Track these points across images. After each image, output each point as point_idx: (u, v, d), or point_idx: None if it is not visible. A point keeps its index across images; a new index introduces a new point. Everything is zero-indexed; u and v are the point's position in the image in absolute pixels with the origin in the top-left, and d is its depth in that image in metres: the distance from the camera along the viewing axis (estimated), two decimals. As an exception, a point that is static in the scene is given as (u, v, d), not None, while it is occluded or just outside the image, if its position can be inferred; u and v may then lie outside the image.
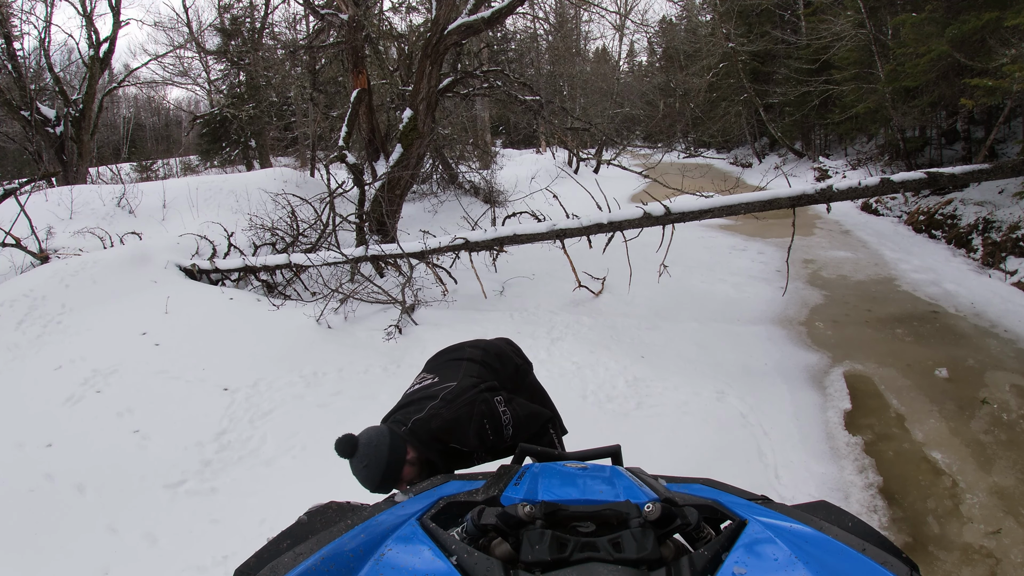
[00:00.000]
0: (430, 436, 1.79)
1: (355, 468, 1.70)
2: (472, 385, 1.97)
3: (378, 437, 1.73)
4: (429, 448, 1.79)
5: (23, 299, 4.99)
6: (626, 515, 0.83)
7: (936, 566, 2.51)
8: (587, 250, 5.91)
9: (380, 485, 1.70)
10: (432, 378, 2.06)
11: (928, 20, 7.53)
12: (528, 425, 1.95)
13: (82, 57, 15.14)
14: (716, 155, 24.95)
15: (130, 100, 29.30)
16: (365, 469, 1.69)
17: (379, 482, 1.70)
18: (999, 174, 5.59)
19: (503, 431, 1.88)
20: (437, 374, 2.08)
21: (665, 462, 2.78)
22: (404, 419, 1.82)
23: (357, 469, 1.70)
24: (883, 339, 4.91)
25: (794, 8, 17.67)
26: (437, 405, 1.87)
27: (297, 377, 4.14)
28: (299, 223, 6.99)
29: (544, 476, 1.07)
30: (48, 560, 2.59)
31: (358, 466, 1.69)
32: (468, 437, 1.84)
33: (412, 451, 1.75)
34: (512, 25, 20.68)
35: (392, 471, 1.71)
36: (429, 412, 1.85)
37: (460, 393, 1.92)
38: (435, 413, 1.85)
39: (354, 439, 1.69)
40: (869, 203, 10.28)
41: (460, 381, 1.97)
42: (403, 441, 1.75)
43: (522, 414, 1.95)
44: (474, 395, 1.91)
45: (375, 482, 1.70)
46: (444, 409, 1.86)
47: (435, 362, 2.19)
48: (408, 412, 1.85)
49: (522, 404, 2.00)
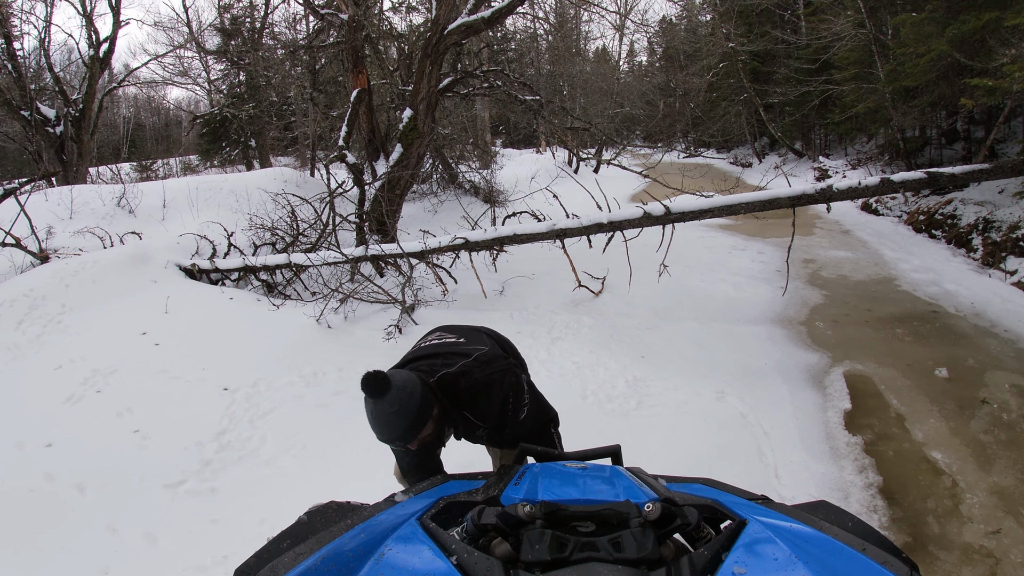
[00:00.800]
0: (455, 397, 1.65)
1: (380, 411, 1.48)
2: (503, 356, 1.87)
3: (411, 383, 1.53)
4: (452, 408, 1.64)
5: (23, 299, 4.99)
6: (626, 515, 0.83)
7: (936, 566, 2.51)
8: (587, 250, 5.91)
9: (402, 436, 1.52)
10: (457, 338, 1.91)
11: (928, 20, 7.53)
12: (538, 415, 1.87)
13: (82, 57, 15.13)
14: (716, 155, 24.94)
15: (130, 100, 29.30)
16: (393, 416, 1.48)
17: (403, 432, 1.51)
18: (999, 174, 5.59)
19: (520, 410, 1.78)
20: (462, 336, 1.93)
21: (665, 462, 2.78)
22: (430, 370, 1.65)
23: (382, 412, 1.48)
24: (883, 339, 4.91)
25: (794, 8, 17.66)
26: (470, 363, 1.72)
27: (297, 377, 4.14)
28: (299, 223, 6.99)
29: (544, 476, 1.07)
30: (48, 560, 2.59)
31: (386, 410, 1.48)
32: (492, 406, 1.71)
33: (437, 405, 1.59)
34: (512, 25, 20.71)
35: (419, 422, 1.52)
36: (461, 368, 1.69)
37: (494, 359, 1.79)
38: (467, 371, 1.69)
39: (388, 378, 1.48)
40: (869, 203, 10.28)
41: (491, 348, 1.85)
42: (433, 394, 1.58)
43: (538, 403, 1.88)
44: (507, 364, 1.81)
45: (399, 431, 1.50)
46: (477, 369, 1.72)
47: (452, 327, 2.03)
48: (433, 364, 1.69)
49: (538, 393, 1.92)
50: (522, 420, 1.78)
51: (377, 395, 1.46)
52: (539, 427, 1.88)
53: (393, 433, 1.49)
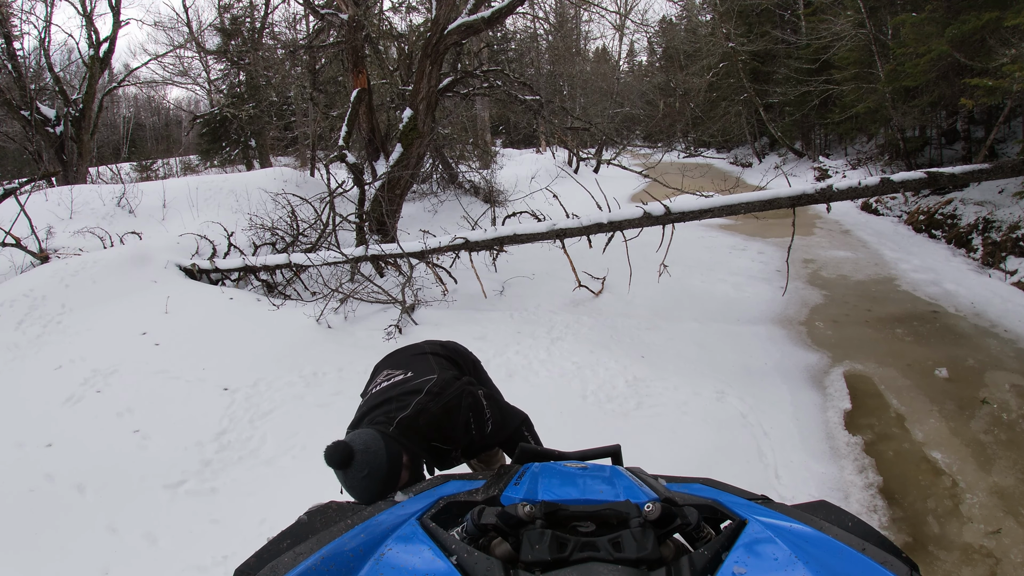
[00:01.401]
0: (419, 434, 1.64)
1: (351, 479, 1.48)
2: (455, 377, 1.86)
3: (373, 442, 1.52)
4: (419, 447, 1.64)
5: (23, 299, 4.99)
6: (626, 515, 0.83)
7: (936, 566, 2.51)
8: (587, 250, 5.91)
9: (378, 494, 1.49)
10: (404, 373, 1.89)
11: (928, 20, 7.53)
12: (505, 424, 1.86)
13: (82, 57, 15.14)
14: (716, 155, 24.95)
15: (130, 100, 29.32)
16: (366, 479, 1.48)
17: (378, 491, 1.49)
18: (999, 174, 5.59)
19: (484, 427, 1.78)
20: (408, 369, 1.91)
21: (665, 462, 2.79)
22: (386, 419, 1.64)
23: (355, 480, 1.48)
24: (883, 339, 4.91)
25: (794, 8, 17.66)
26: (423, 400, 1.71)
27: (297, 377, 4.14)
28: (299, 223, 6.99)
29: (544, 476, 1.07)
30: (48, 560, 2.59)
31: (356, 476, 1.48)
32: (455, 431, 1.71)
33: (405, 453, 1.59)
34: (512, 25, 20.71)
35: (392, 478, 1.52)
36: (416, 408, 1.69)
37: (445, 386, 1.78)
38: (422, 408, 1.69)
39: (349, 447, 1.47)
40: (869, 203, 10.28)
41: (440, 374, 1.84)
42: (396, 443, 1.57)
43: (501, 411, 1.86)
44: (460, 386, 1.80)
45: (374, 492, 1.49)
46: (432, 403, 1.72)
47: (397, 359, 2.03)
48: (388, 411, 1.68)
49: (498, 401, 1.91)
50: (489, 433, 1.79)
51: (345, 466, 1.45)
52: (509, 435, 1.88)
53: (370, 494, 1.48)
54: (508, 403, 1.95)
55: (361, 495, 1.48)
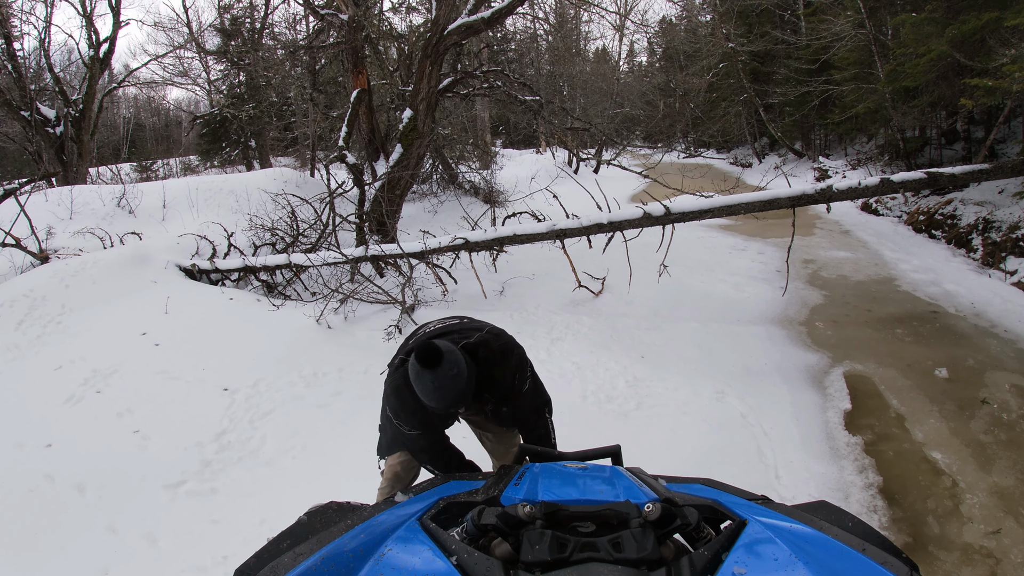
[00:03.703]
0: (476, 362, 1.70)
1: (439, 380, 1.50)
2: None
3: (454, 350, 1.58)
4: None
5: (23, 299, 4.99)
6: (626, 515, 0.83)
7: (936, 566, 2.51)
8: (587, 250, 5.91)
9: (461, 398, 1.56)
10: (461, 320, 1.99)
11: (928, 20, 7.53)
12: (536, 396, 1.94)
13: (82, 57, 15.13)
14: (716, 155, 24.95)
15: (130, 100, 29.32)
16: (453, 380, 1.51)
17: (461, 395, 1.54)
18: (999, 174, 5.59)
19: (524, 382, 1.85)
20: (464, 319, 2.00)
21: (665, 462, 2.78)
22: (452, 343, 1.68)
23: (444, 379, 1.50)
24: (883, 339, 4.91)
25: (794, 8, 17.67)
26: (484, 335, 1.80)
27: (297, 377, 4.14)
28: (299, 223, 6.99)
29: (544, 476, 1.07)
30: (48, 560, 2.59)
31: (446, 374, 1.50)
32: (505, 374, 1.78)
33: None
34: (512, 25, 20.69)
35: (471, 384, 1.58)
36: (478, 339, 1.77)
37: (503, 333, 1.89)
38: (483, 341, 1.77)
39: (437, 347, 1.50)
40: (869, 203, 10.28)
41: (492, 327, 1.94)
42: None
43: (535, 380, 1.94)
44: (514, 339, 1.91)
45: (459, 393, 1.53)
46: (492, 340, 1.80)
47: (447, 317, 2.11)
48: (452, 338, 1.73)
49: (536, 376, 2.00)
50: (524, 394, 1.85)
51: (435, 364, 1.49)
52: (536, 409, 1.95)
53: (455, 397, 1.53)
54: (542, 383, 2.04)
55: (444, 396, 1.53)
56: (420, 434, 1.81)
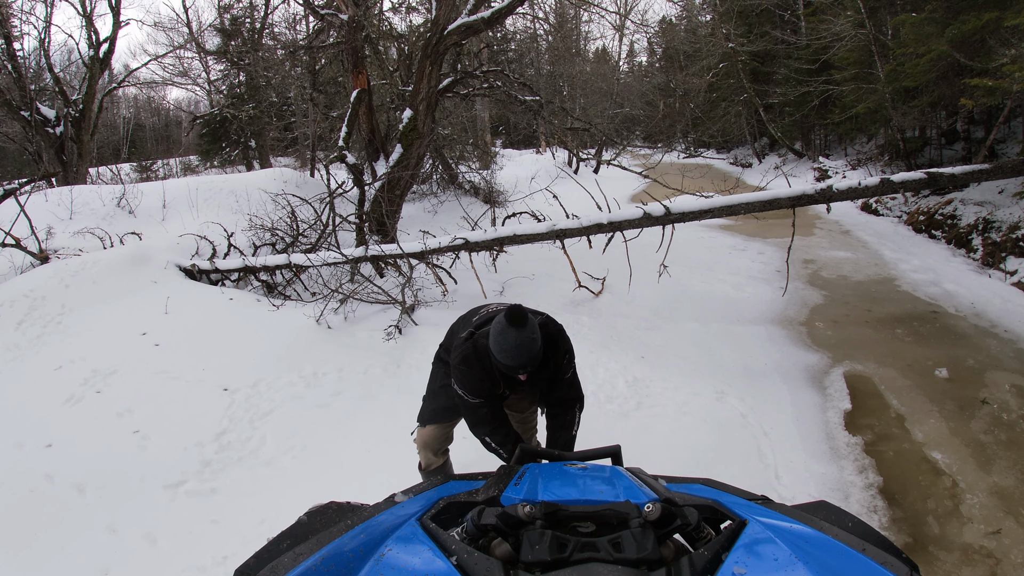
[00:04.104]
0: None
1: (524, 339, 1.71)
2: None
3: (532, 318, 1.80)
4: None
5: (23, 299, 4.98)
6: (626, 515, 0.83)
7: (936, 566, 2.51)
8: (587, 250, 5.91)
9: (538, 358, 1.77)
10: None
11: (928, 20, 7.53)
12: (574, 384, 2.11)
13: (82, 57, 15.13)
14: (716, 155, 24.94)
15: (130, 100, 29.32)
16: (534, 341, 1.74)
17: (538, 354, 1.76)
18: (999, 174, 5.59)
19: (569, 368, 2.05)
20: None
21: (665, 462, 2.78)
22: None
23: (525, 339, 1.72)
24: (883, 339, 4.91)
25: (794, 8, 17.67)
26: (545, 317, 2.00)
27: (297, 377, 4.14)
28: (299, 223, 6.98)
29: (544, 477, 1.07)
30: (48, 560, 2.59)
31: (528, 335, 1.72)
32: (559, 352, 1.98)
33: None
34: (512, 25, 20.70)
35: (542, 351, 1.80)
36: (541, 319, 1.96)
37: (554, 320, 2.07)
38: (545, 321, 1.97)
39: (525, 310, 1.76)
40: (869, 203, 10.28)
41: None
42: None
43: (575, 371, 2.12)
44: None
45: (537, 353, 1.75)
46: (551, 323, 2.00)
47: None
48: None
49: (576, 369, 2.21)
50: (567, 381, 2.07)
51: (522, 324, 1.73)
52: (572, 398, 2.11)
53: (529, 357, 1.75)
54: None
55: (525, 354, 1.75)
56: (482, 401, 2.02)
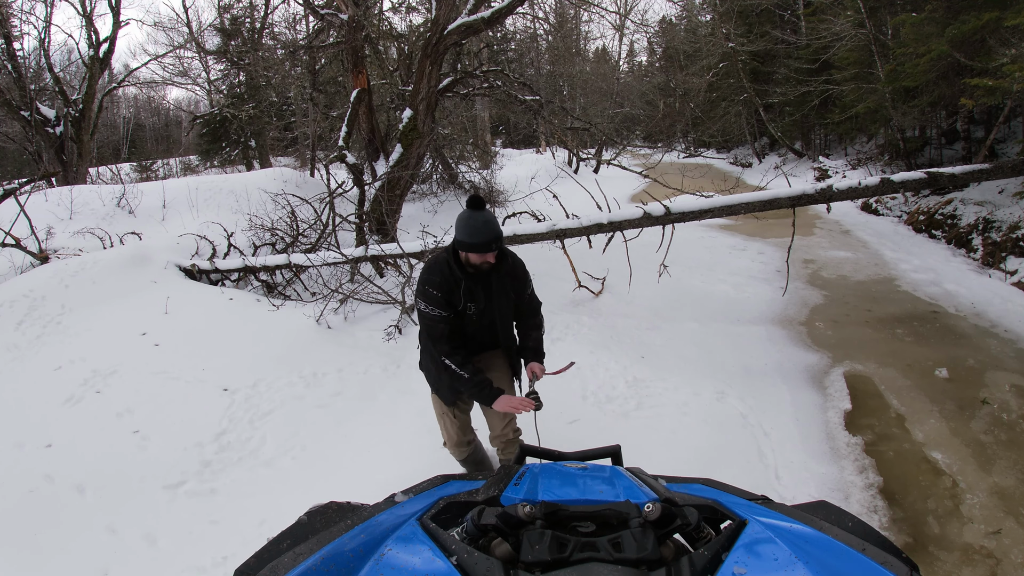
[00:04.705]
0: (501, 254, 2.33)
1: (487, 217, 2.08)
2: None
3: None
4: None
5: (23, 299, 4.98)
6: (626, 515, 0.83)
7: (936, 566, 2.51)
8: (587, 250, 5.90)
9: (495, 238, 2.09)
10: None
11: (928, 20, 7.53)
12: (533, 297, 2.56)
13: (82, 57, 15.14)
14: (716, 155, 24.95)
15: (130, 100, 29.31)
16: (493, 219, 2.11)
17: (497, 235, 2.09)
18: (999, 174, 5.59)
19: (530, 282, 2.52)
20: None
21: (665, 462, 2.78)
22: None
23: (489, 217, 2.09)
24: (883, 339, 4.91)
25: (794, 8, 17.67)
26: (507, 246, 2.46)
27: (297, 377, 4.14)
28: (299, 223, 6.98)
29: (544, 476, 1.07)
30: (48, 560, 2.59)
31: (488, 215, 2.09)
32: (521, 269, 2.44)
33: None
34: (512, 25, 20.71)
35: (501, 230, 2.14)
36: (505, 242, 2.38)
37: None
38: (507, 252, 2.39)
39: (481, 197, 2.12)
40: (869, 203, 10.28)
41: None
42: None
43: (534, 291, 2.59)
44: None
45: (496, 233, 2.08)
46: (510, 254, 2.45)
47: None
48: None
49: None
50: (529, 293, 2.46)
51: (483, 207, 2.10)
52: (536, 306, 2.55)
53: (498, 234, 2.10)
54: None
55: (490, 229, 2.09)
56: (443, 315, 2.22)
